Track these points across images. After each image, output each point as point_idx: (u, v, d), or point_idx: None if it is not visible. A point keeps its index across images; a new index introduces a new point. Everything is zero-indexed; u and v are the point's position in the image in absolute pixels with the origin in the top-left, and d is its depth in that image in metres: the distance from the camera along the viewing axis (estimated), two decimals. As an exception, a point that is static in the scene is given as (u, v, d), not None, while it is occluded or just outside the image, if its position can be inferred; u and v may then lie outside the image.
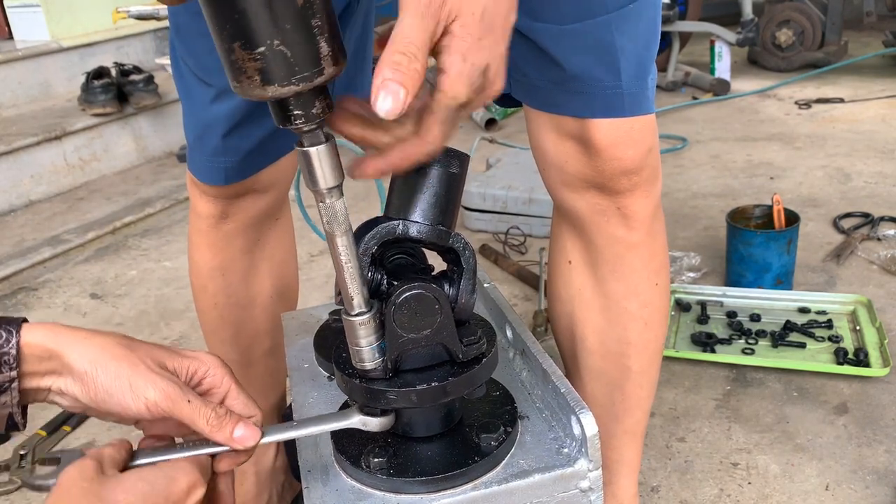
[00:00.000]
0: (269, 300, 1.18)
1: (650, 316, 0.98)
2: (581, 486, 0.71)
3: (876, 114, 3.36)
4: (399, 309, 0.66)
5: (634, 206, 0.92)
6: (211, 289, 1.14)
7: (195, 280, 1.16)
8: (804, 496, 1.30)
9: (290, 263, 1.21)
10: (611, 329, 0.99)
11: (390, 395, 0.66)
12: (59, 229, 2.70)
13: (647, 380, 1.02)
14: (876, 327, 1.70)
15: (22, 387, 0.60)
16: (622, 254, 0.94)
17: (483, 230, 2.45)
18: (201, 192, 1.05)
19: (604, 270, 0.96)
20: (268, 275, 1.16)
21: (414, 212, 0.67)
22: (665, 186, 2.72)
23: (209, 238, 1.10)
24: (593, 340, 1.01)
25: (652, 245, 0.95)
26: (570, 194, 0.93)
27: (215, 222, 1.07)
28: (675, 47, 4.01)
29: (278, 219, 1.15)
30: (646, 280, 0.96)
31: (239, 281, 1.14)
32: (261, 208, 1.08)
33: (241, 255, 1.12)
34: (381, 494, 0.70)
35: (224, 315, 1.15)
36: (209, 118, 0.96)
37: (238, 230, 1.09)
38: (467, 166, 0.70)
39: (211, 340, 1.20)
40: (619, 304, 0.97)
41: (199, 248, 1.12)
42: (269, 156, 1.02)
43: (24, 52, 3.37)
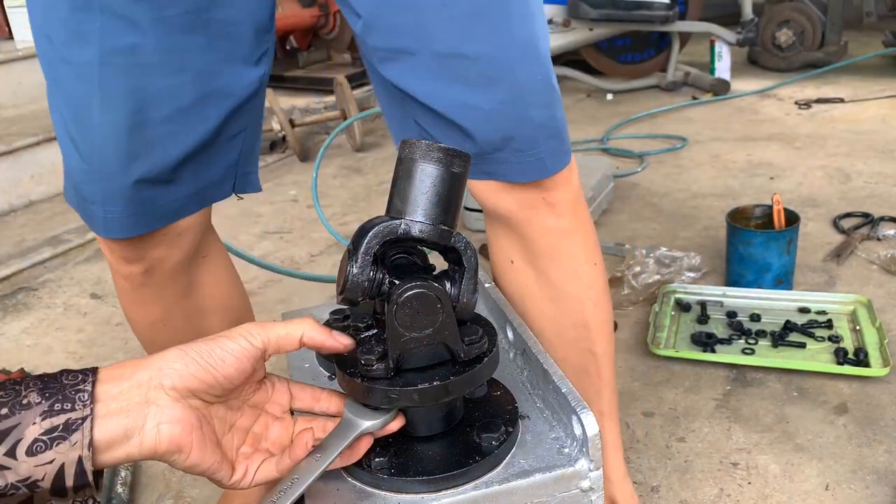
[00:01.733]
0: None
1: (597, 296, 1.02)
2: (582, 485, 0.71)
3: (876, 114, 3.36)
4: (401, 308, 0.66)
5: (558, 195, 0.96)
6: (159, 341, 1.07)
7: (139, 334, 1.10)
8: (804, 496, 1.30)
9: (234, 297, 1.14)
10: (564, 316, 1.02)
11: (392, 394, 0.67)
12: (60, 229, 2.70)
13: (608, 359, 1.06)
14: (876, 327, 1.70)
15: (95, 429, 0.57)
16: (556, 242, 0.99)
17: (483, 230, 2.45)
18: (114, 252, 0.97)
19: (543, 262, 1.00)
20: (214, 312, 1.10)
21: (416, 211, 0.67)
22: (665, 186, 2.73)
23: (139, 296, 1.02)
24: (550, 332, 1.03)
25: (581, 228, 1.00)
26: (500, 195, 0.96)
27: (140, 280, 0.99)
28: (675, 47, 4.01)
29: (206, 256, 1.06)
30: (584, 262, 1.01)
31: (185, 326, 1.07)
32: (181, 254, 1.00)
33: (177, 303, 1.05)
34: (383, 494, 0.70)
35: None
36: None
37: (166, 281, 1.01)
38: (469, 166, 0.70)
39: None
40: (565, 290, 1.01)
41: (132, 304, 1.05)
42: (188, 209, 0.96)
43: (24, 52, 3.37)
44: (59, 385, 0.57)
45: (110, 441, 0.58)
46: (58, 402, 0.56)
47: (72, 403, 0.57)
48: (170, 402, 0.60)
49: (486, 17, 0.84)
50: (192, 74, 0.87)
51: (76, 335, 2.03)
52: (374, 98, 3.45)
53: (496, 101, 0.87)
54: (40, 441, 0.55)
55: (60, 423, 0.56)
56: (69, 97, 0.87)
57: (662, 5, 3.85)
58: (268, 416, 0.70)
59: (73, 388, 0.57)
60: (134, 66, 0.84)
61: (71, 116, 0.87)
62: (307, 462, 0.66)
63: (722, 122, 3.44)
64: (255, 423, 0.69)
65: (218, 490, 1.37)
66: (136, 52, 0.83)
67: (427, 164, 0.67)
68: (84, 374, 0.59)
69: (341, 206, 2.83)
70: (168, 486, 1.43)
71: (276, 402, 0.71)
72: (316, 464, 0.65)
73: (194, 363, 0.61)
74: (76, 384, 0.58)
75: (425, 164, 0.67)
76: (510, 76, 0.87)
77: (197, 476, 1.31)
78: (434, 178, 0.67)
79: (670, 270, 2.02)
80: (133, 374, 0.60)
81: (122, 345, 1.97)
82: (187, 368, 0.61)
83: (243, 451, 0.68)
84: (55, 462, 0.55)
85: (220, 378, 0.63)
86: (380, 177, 3.08)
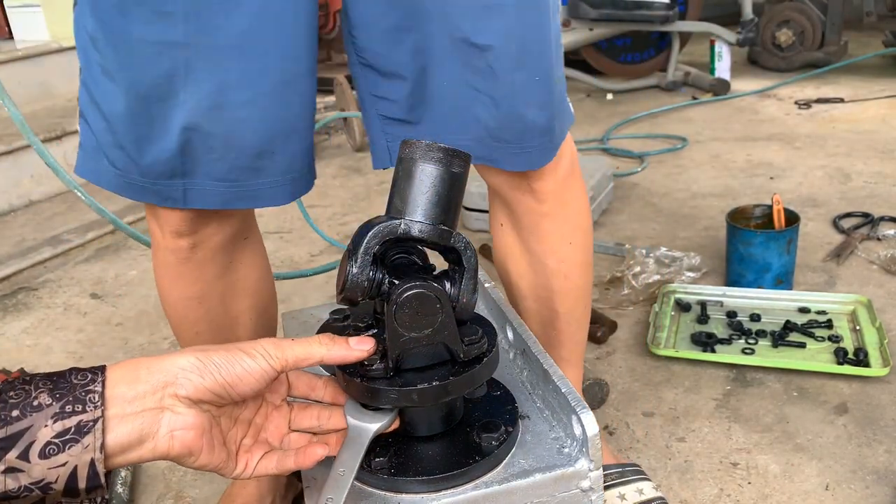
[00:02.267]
0: (251, 319, 1.16)
1: (568, 269, 1.16)
2: (582, 485, 0.71)
3: (876, 114, 3.36)
4: (400, 308, 0.66)
5: (540, 184, 1.06)
6: (191, 318, 1.11)
7: (171, 311, 1.13)
8: (804, 496, 1.30)
9: (265, 281, 1.19)
10: (536, 279, 1.17)
11: (392, 394, 0.67)
12: (60, 229, 2.70)
13: (574, 318, 1.21)
14: (876, 327, 1.70)
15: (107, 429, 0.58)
16: (537, 221, 1.11)
17: (483, 230, 2.45)
18: (166, 225, 1.00)
19: (525, 234, 1.14)
20: (245, 295, 1.14)
21: (416, 211, 0.67)
22: (665, 186, 2.72)
23: (179, 270, 1.05)
24: (525, 288, 1.19)
25: (563, 213, 1.11)
26: (491, 171, 1.06)
27: (185, 254, 1.03)
28: (675, 47, 4.01)
29: (247, 238, 1.11)
30: (560, 240, 1.13)
31: (218, 306, 1.11)
32: (231, 231, 1.05)
33: (216, 281, 1.08)
34: (383, 494, 0.70)
35: (207, 340, 1.13)
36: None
37: (208, 258, 1.05)
38: (469, 166, 0.70)
39: None
40: (541, 260, 1.15)
41: (171, 280, 1.08)
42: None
43: (24, 52, 3.37)
44: (70, 385, 0.57)
45: (125, 445, 0.58)
46: (69, 404, 0.56)
47: (82, 405, 0.57)
48: (184, 409, 0.61)
49: (498, 11, 0.89)
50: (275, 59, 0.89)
51: (76, 335, 2.03)
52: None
53: (494, 93, 0.93)
54: (53, 444, 0.55)
55: (72, 426, 0.56)
56: (142, 76, 0.86)
57: (662, 5, 3.85)
58: (268, 405, 0.71)
59: (84, 389, 0.57)
60: (213, 49, 0.85)
61: (144, 94, 0.87)
62: (333, 479, 0.66)
63: (722, 122, 3.44)
64: (257, 413, 0.71)
65: (218, 490, 1.37)
66: (217, 34, 0.85)
67: (427, 164, 0.67)
68: (94, 373, 0.59)
69: (341, 206, 2.83)
70: (168, 486, 1.43)
71: (275, 391, 0.72)
72: (343, 479, 0.66)
73: (211, 377, 0.62)
74: (86, 384, 0.58)
75: (425, 164, 0.67)
76: (509, 74, 0.92)
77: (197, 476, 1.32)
78: (434, 178, 0.67)
79: (670, 270, 2.02)
80: (148, 377, 0.60)
81: (122, 345, 1.97)
82: (204, 382, 0.62)
83: (245, 444, 0.69)
84: (68, 465, 0.56)
85: (234, 395, 0.64)
86: (380, 177, 3.08)
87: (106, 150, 0.93)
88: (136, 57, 0.86)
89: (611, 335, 1.80)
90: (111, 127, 0.91)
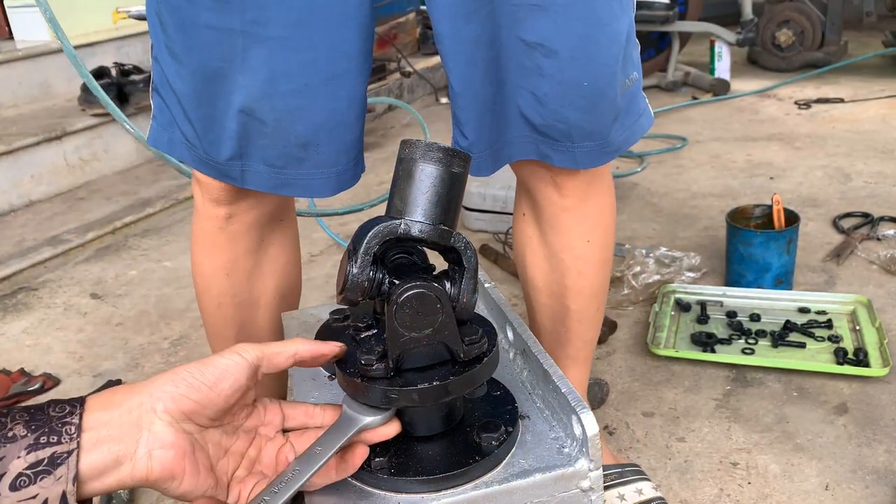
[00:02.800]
0: (273, 301, 1.18)
1: (583, 267, 1.14)
2: (582, 485, 0.71)
3: (876, 114, 3.36)
4: (401, 308, 0.66)
5: (565, 177, 1.06)
6: (215, 289, 1.14)
7: (199, 280, 1.16)
8: (804, 496, 1.30)
9: (293, 265, 1.21)
10: (552, 273, 1.16)
11: (392, 394, 0.67)
12: (60, 229, 2.70)
13: (586, 316, 1.19)
14: (876, 327, 1.70)
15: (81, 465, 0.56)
16: (557, 214, 1.10)
17: (483, 230, 2.45)
18: (206, 192, 1.05)
19: (545, 226, 1.13)
20: (272, 275, 1.16)
21: (416, 211, 0.67)
22: (665, 186, 2.72)
23: (214, 238, 1.09)
24: (539, 281, 1.19)
25: (584, 209, 1.10)
26: (517, 162, 1.06)
27: (221, 223, 1.07)
28: (675, 47, 4.01)
29: (282, 220, 1.15)
30: (578, 237, 1.12)
31: (243, 281, 1.14)
32: (266, 209, 1.08)
33: (245, 256, 1.12)
34: (382, 494, 0.70)
35: (228, 315, 1.15)
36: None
37: (243, 231, 1.09)
38: (469, 166, 0.70)
39: (214, 340, 1.20)
40: (557, 255, 1.14)
41: (203, 248, 1.12)
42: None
43: (24, 52, 3.37)
44: (46, 417, 0.56)
45: (101, 469, 0.57)
46: (44, 435, 0.55)
47: (58, 436, 0.56)
48: (163, 426, 0.59)
49: (549, 9, 0.89)
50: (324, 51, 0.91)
51: (76, 335, 2.03)
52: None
53: (538, 91, 0.93)
54: (24, 475, 0.54)
55: (46, 457, 0.55)
56: (206, 59, 0.90)
57: (662, 5, 3.84)
58: (261, 438, 0.70)
59: (60, 421, 0.56)
60: (267, 39, 0.88)
61: (208, 76, 0.91)
62: (307, 455, 0.65)
63: (722, 122, 3.44)
64: (250, 447, 0.69)
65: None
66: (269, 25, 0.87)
67: (427, 164, 0.67)
68: (72, 406, 0.57)
69: (341, 206, 2.83)
70: (168, 486, 1.43)
71: (270, 423, 0.70)
72: (316, 456, 0.65)
73: (185, 382, 0.61)
74: (63, 416, 0.57)
75: (425, 164, 0.67)
76: (559, 73, 0.92)
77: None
78: (434, 178, 0.67)
79: (670, 270, 2.02)
80: (124, 400, 0.59)
81: (122, 345, 1.97)
82: (178, 389, 0.60)
83: (238, 475, 0.67)
84: (38, 497, 0.54)
85: (213, 396, 0.62)
86: (380, 177, 3.08)
87: (179, 123, 0.98)
88: (199, 41, 0.90)
89: (611, 335, 1.80)
90: (181, 103, 0.96)
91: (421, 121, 2.91)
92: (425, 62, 4.33)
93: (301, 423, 0.71)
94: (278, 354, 0.67)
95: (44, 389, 1.78)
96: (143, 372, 1.84)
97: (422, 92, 4.28)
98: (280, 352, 0.67)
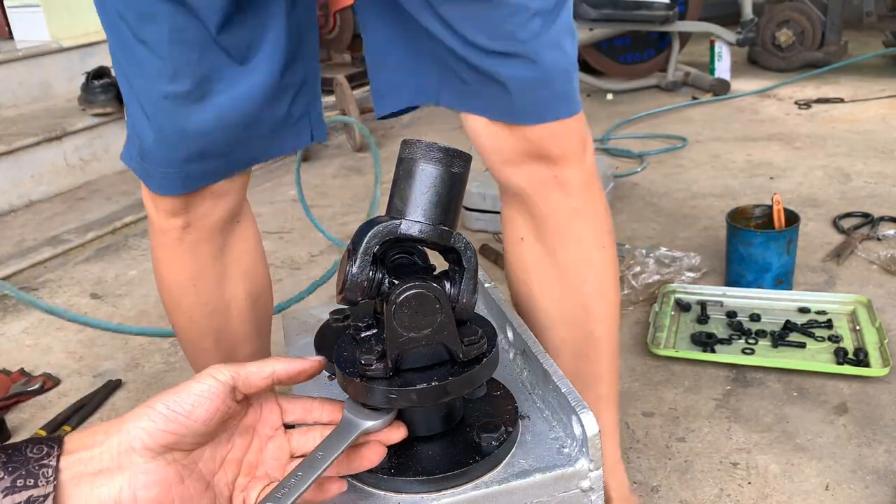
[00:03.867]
0: (244, 304, 1.16)
1: (603, 279, 1.03)
2: (582, 485, 0.71)
3: (876, 114, 3.36)
4: (400, 308, 0.66)
5: (568, 173, 0.97)
6: (185, 303, 1.11)
7: (167, 297, 1.13)
8: (804, 496, 1.30)
9: (259, 265, 1.19)
10: (568, 296, 1.03)
11: (391, 394, 0.66)
12: (60, 229, 2.70)
13: (610, 343, 1.06)
14: (876, 327, 1.70)
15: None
16: (566, 222, 1.00)
17: (483, 230, 2.45)
18: (159, 207, 1.02)
19: (553, 241, 1.01)
20: (239, 279, 1.14)
21: (416, 211, 0.67)
22: (665, 186, 2.72)
23: (174, 252, 1.07)
24: (554, 312, 1.04)
25: (592, 208, 1.01)
26: (511, 170, 0.98)
27: (178, 234, 1.05)
28: (675, 47, 4.01)
29: (240, 221, 1.12)
30: (594, 245, 1.02)
31: (212, 289, 1.11)
32: (222, 213, 1.06)
33: (210, 263, 1.09)
34: (382, 494, 0.70)
35: (202, 325, 1.13)
36: (182, 126, 0.92)
37: (202, 238, 1.06)
38: (469, 166, 0.70)
39: (193, 353, 1.18)
40: (572, 270, 1.02)
41: (165, 263, 1.09)
42: (240, 164, 1.01)
43: (24, 52, 3.37)
44: (24, 459, 0.55)
45: None
46: (21, 478, 0.54)
47: (35, 479, 0.55)
48: (143, 463, 0.58)
49: None
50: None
51: (76, 335, 2.03)
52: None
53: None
54: None
55: (22, 501, 0.54)
56: (143, 71, 0.91)
57: (662, 5, 3.84)
58: (260, 438, 0.68)
59: (37, 463, 0.55)
60: (194, 43, 0.88)
61: (143, 88, 0.92)
62: (310, 459, 0.65)
63: (722, 122, 3.43)
64: (248, 451, 0.67)
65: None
66: (189, 30, 0.88)
67: (427, 164, 0.67)
68: (49, 447, 0.57)
69: (341, 206, 2.83)
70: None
71: (267, 421, 0.69)
72: (319, 461, 0.64)
73: (161, 416, 0.59)
74: (40, 458, 0.56)
75: (425, 165, 0.67)
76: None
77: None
78: (434, 178, 0.67)
79: (670, 270, 2.02)
80: (105, 440, 0.58)
81: (122, 345, 1.97)
82: (155, 424, 0.59)
83: (239, 483, 0.66)
84: None
85: (190, 424, 0.60)
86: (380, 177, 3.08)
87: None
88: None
89: (611, 335, 1.80)
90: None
91: (368, 136, 2.91)
92: (425, 62, 4.32)
93: (300, 418, 0.70)
94: (254, 374, 0.65)
95: (44, 389, 1.78)
96: (143, 372, 1.84)
97: (422, 92, 4.28)
98: (256, 372, 0.65)
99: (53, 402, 1.75)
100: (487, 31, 0.87)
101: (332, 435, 0.67)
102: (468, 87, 0.93)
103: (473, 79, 0.92)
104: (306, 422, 0.71)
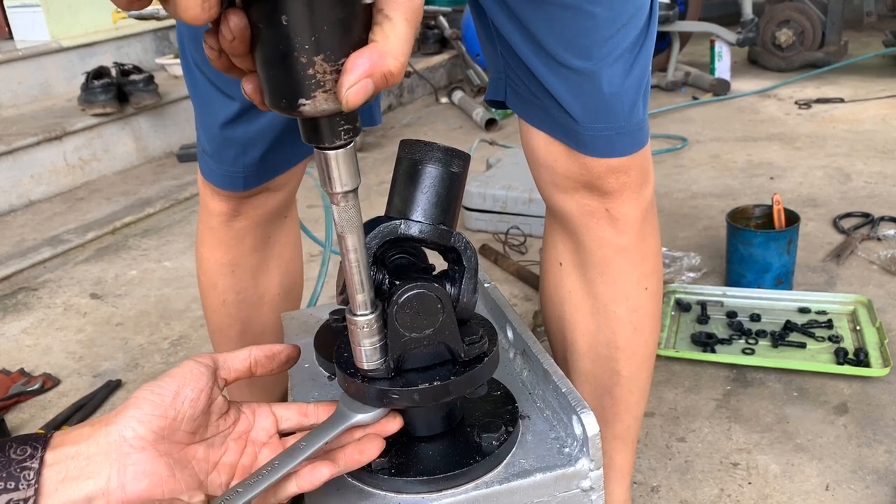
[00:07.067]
0: (277, 298, 1.18)
1: (639, 321, 0.98)
2: (582, 485, 0.71)
3: (876, 114, 3.36)
4: (401, 308, 0.66)
5: (623, 209, 0.91)
6: (220, 286, 1.14)
7: (204, 277, 1.15)
8: (804, 496, 1.30)
9: (297, 261, 1.22)
10: (600, 332, 0.99)
11: (392, 394, 0.66)
12: (59, 229, 2.70)
13: (637, 385, 1.02)
14: (876, 327, 1.70)
15: None
16: (611, 257, 0.94)
17: (483, 230, 2.45)
18: (213, 192, 1.05)
19: (593, 273, 0.96)
20: (276, 272, 1.16)
21: (415, 211, 0.67)
22: (665, 186, 2.72)
23: (220, 235, 1.09)
24: (583, 343, 1.01)
25: (642, 248, 0.95)
26: (561, 195, 0.93)
27: (227, 220, 1.07)
28: (675, 47, 4.01)
29: (287, 216, 1.15)
30: (635, 284, 0.96)
31: (248, 278, 1.14)
32: (272, 206, 1.08)
33: (251, 253, 1.12)
34: (383, 494, 0.70)
35: (232, 312, 1.15)
36: (235, 136, 0.95)
37: (249, 228, 1.09)
38: (468, 166, 0.70)
39: (217, 338, 1.20)
40: (608, 307, 0.97)
41: (209, 245, 1.12)
42: (290, 161, 1.03)
43: (24, 52, 3.37)
44: (6, 460, 0.55)
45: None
46: (1, 480, 0.54)
47: (16, 482, 0.54)
48: (134, 453, 0.58)
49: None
50: None
51: (76, 335, 2.03)
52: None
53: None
54: None
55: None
56: (198, 92, 0.97)
57: (662, 5, 3.85)
58: (254, 444, 0.68)
59: (19, 465, 0.55)
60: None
61: (200, 104, 0.98)
62: (292, 448, 0.65)
63: (722, 122, 3.43)
64: (242, 455, 0.67)
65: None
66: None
67: (427, 164, 0.67)
68: (34, 447, 0.56)
69: (341, 206, 2.82)
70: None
71: (261, 427, 0.69)
72: (299, 450, 0.64)
73: (147, 402, 0.59)
74: (23, 460, 0.55)
75: (425, 164, 0.67)
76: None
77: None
78: (434, 178, 0.67)
79: (670, 270, 2.02)
80: (92, 432, 0.58)
81: (122, 345, 1.97)
82: (141, 410, 0.59)
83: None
84: None
85: (178, 405, 0.60)
86: (380, 177, 3.08)
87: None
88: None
89: (611, 335, 1.80)
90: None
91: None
92: (425, 62, 4.33)
93: (296, 423, 0.70)
94: (233, 357, 0.67)
95: (44, 389, 1.78)
96: (143, 372, 1.84)
97: (422, 92, 4.28)
98: (235, 354, 0.67)
99: (53, 402, 1.75)
100: (562, 39, 0.80)
101: (321, 426, 0.67)
102: (533, 98, 0.88)
103: (536, 89, 0.86)
104: (303, 426, 0.70)
